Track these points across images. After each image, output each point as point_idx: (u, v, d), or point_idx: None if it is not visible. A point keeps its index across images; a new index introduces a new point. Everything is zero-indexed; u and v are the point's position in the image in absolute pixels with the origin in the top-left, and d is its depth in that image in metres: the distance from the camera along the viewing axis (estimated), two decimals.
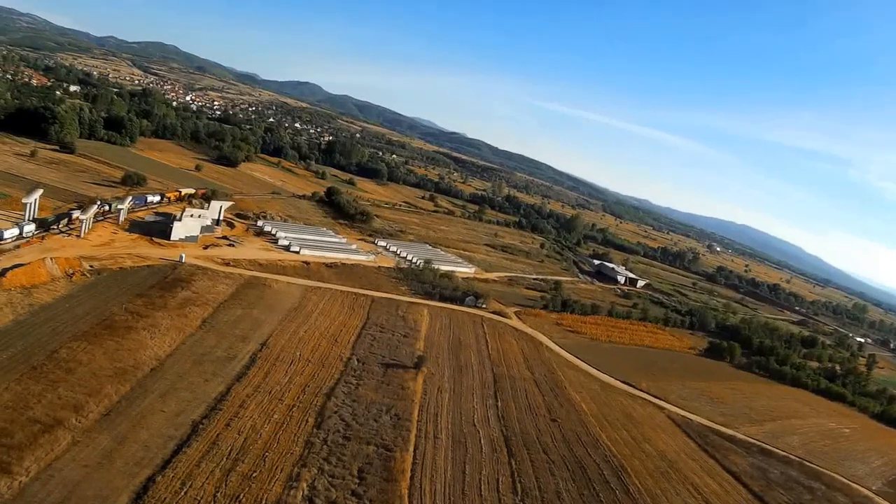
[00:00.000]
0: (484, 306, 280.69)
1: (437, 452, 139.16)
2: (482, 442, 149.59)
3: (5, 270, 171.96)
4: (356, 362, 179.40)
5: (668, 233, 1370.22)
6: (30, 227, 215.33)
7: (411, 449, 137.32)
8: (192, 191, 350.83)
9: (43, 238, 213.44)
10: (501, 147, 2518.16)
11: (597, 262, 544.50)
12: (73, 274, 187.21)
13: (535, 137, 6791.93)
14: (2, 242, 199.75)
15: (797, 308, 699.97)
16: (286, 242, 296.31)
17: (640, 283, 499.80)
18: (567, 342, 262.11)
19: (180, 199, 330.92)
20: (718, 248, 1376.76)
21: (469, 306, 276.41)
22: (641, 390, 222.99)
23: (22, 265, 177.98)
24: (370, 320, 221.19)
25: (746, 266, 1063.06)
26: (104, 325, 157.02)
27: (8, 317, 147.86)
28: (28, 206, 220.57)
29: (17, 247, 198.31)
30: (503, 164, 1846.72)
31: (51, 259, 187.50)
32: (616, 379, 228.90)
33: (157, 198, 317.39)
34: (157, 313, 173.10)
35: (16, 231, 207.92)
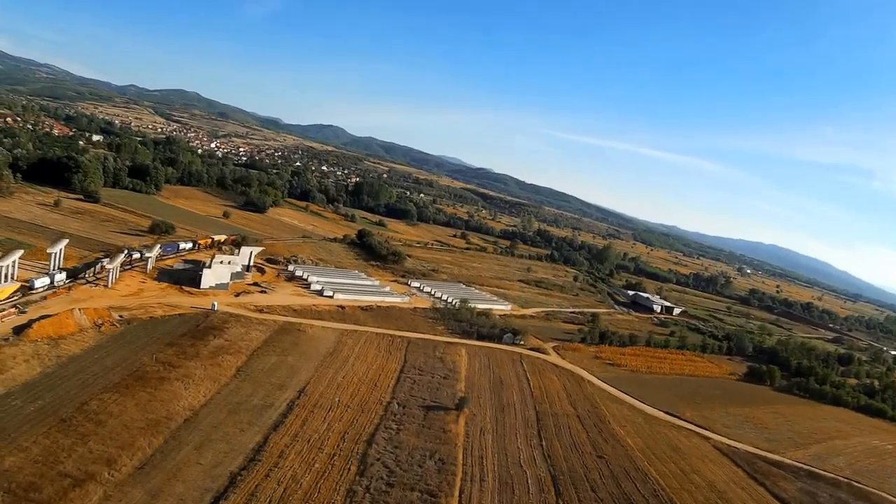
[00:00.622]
0: (522, 343, 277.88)
1: (484, 496, 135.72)
2: (529, 483, 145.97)
3: (32, 322, 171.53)
4: (396, 406, 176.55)
5: (698, 258, 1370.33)
6: (61, 276, 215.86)
7: (457, 494, 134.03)
8: (223, 237, 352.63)
9: (70, 288, 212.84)
10: (528, 181, 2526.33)
11: (631, 292, 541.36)
12: (101, 324, 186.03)
13: (561, 169, 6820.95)
14: (33, 292, 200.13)
15: (830, 325, 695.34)
16: (319, 287, 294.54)
17: (676, 311, 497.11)
18: (608, 375, 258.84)
19: (212, 245, 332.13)
20: (749, 271, 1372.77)
21: (507, 344, 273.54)
22: (686, 420, 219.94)
23: (49, 316, 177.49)
24: (408, 363, 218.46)
25: (777, 287, 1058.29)
26: (135, 376, 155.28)
27: (35, 369, 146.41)
28: (53, 256, 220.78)
29: (44, 297, 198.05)
30: (531, 199, 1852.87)
31: (78, 310, 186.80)
32: (659, 410, 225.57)
33: (189, 244, 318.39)
34: (189, 363, 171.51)
35: (46, 280, 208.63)
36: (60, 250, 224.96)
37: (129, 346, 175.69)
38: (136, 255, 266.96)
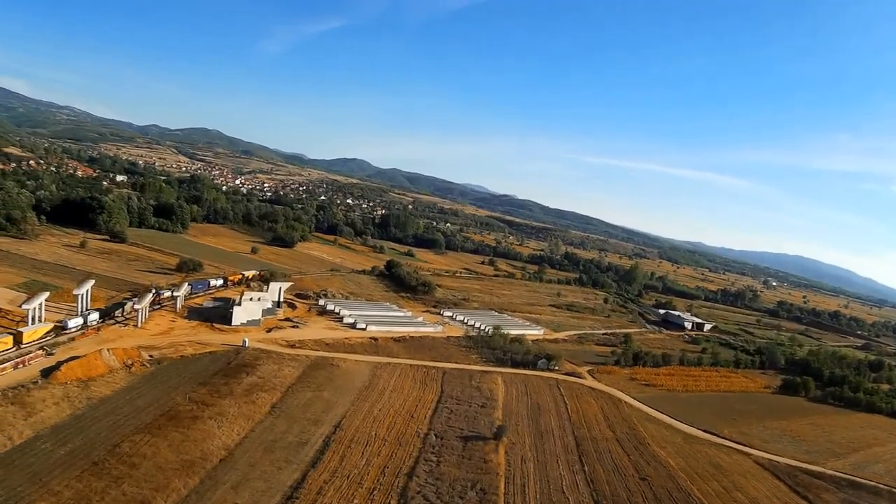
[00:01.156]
0: (557, 368, 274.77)
1: None
2: None
3: (60, 363, 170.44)
4: (434, 438, 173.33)
5: (724, 273, 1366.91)
6: (94, 316, 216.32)
7: None
8: (254, 272, 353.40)
9: (99, 329, 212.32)
10: (552, 206, 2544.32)
11: (661, 310, 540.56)
12: (131, 365, 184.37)
13: (585, 192, 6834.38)
14: (66, 332, 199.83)
15: (858, 332, 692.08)
16: (351, 320, 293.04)
17: (707, 328, 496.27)
18: (644, 396, 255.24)
19: (243, 281, 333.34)
20: (774, 283, 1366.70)
21: (542, 369, 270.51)
22: (724, 437, 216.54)
23: (77, 357, 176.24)
24: (445, 393, 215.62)
25: (804, 297, 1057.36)
26: (168, 417, 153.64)
27: (65, 411, 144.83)
28: (80, 297, 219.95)
29: (72, 339, 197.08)
30: (556, 223, 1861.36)
31: (107, 350, 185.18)
32: (698, 429, 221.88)
33: (220, 281, 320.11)
34: (222, 401, 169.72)
35: (80, 320, 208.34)
36: (87, 291, 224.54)
37: (161, 386, 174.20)
38: (166, 294, 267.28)
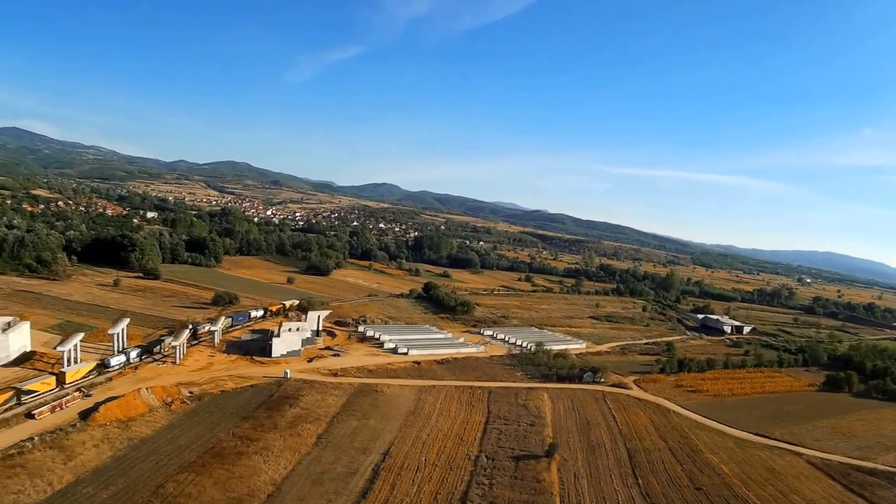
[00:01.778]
0: (602, 380, 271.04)
1: None
2: None
3: (98, 405, 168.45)
4: (485, 460, 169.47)
5: (758, 274, 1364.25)
6: (135, 353, 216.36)
7: None
8: (295, 301, 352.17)
9: (136, 368, 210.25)
10: (584, 217, 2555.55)
11: (700, 315, 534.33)
12: (171, 402, 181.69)
13: (616, 203, 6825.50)
14: (109, 370, 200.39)
15: (894, 324, 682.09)
16: (392, 345, 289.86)
17: (747, 330, 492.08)
18: (691, 403, 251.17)
19: (283, 311, 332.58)
20: (808, 280, 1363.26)
21: (588, 383, 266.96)
22: (775, 439, 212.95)
23: (116, 398, 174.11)
24: (492, 413, 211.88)
25: (838, 291, 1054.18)
26: (212, 454, 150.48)
27: (106, 453, 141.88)
28: (116, 336, 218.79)
29: (110, 379, 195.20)
30: (588, 235, 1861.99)
31: (146, 389, 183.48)
32: (748, 432, 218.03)
33: (260, 312, 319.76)
34: (267, 435, 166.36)
35: (122, 358, 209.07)
36: (123, 330, 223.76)
37: (203, 423, 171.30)
38: (204, 328, 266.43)
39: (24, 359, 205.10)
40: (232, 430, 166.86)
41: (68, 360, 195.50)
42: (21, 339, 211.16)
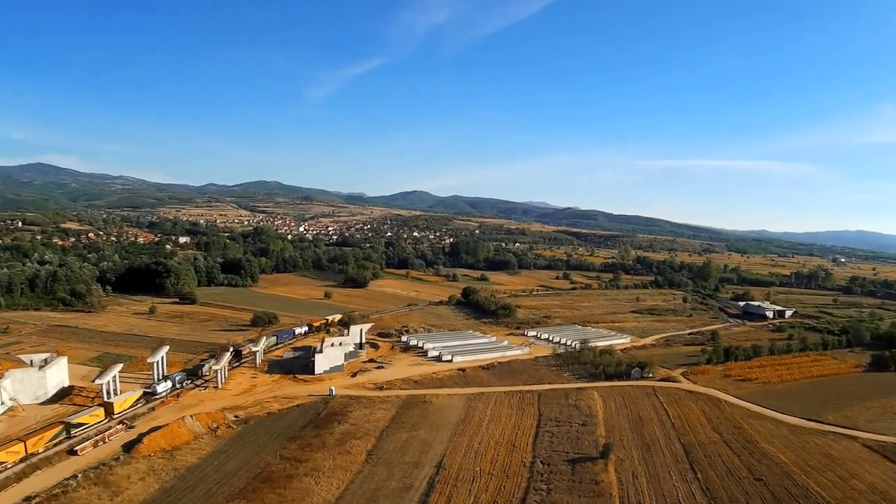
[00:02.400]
0: (651, 375, 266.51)
1: None
2: None
3: (142, 436, 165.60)
4: (541, 465, 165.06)
5: (792, 257, 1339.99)
6: (181, 377, 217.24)
7: None
8: (339, 316, 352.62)
9: (178, 395, 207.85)
10: (616, 212, 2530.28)
11: (741, 303, 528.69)
12: (217, 428, 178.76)
13: (646, 196, 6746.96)
14: (156, 397, 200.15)
15: None
16: (436, 353, 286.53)
17: (788, 314, 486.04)
18: (742, 392, 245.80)
19: (324, 327, 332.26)
20: (843, 260, 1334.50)
21: (636, 378, 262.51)
22: (829, 424, 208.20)
23: (159, 428, 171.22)
24: (543, 416, 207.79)
25: (874, 270, 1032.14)
26: (261, 479, 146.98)
27: (152, 486, 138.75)
28: (155, 365, 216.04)
29: (152, 409, 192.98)
30: (622, 229, 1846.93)
31: (190, 416, 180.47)
32: (801, 418, 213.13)
33: (305, 328, 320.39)
34: (316, 455, 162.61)
35: (167, 384, 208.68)
36: (162, 357, 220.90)
37: (250, 447, 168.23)
38: (247, 349, 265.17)
39: (62, 394, 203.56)
40: (280, 453, 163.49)
41: (108, 393, 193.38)
42: (59, 374, 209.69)
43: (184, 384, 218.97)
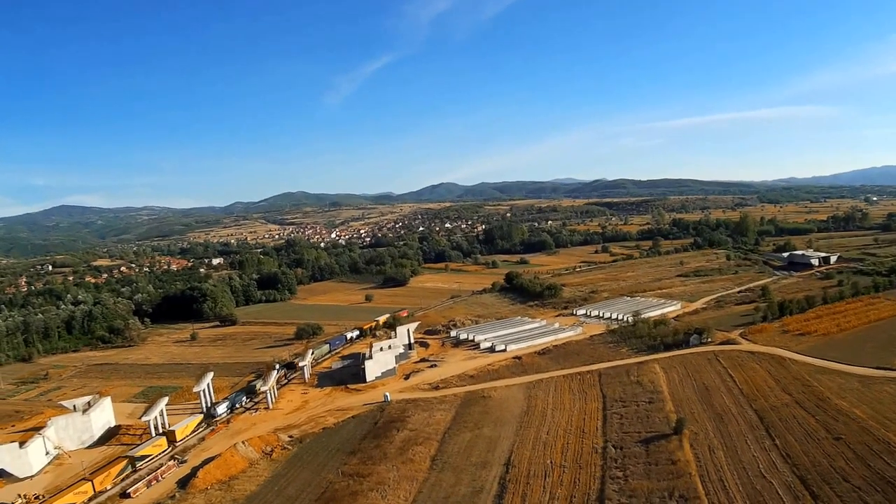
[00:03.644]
0: (709, 340, 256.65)
1: None
2: (781, 494, 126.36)
3: (196, 469, 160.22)
4: (613, 450, 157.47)
5: (825, 201, 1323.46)
6: (240, 397, 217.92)
7: None
8: (387, 316, 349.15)
9: (228, 422, 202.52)
10: (644, 178, 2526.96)
11: (785, 254, 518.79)
12: (271, 451, 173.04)
13: (671, 158, 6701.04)
14: (216, 419, 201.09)
15: None
16: (488, 344, 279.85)
17: (833, 259, 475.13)
18: (803, 347, 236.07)
19: (374, 329, 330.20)
20: (874, 198, 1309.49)
21: (695, 346, 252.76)
22: None
23: (213, 458, 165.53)
24: (607, 397, 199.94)
25: None
26: (325, 499, 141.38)
27: None
28: (202, 393, 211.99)
29: (202, 439, 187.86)
30: (651, 194, 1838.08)
31: (243, 443, 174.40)
32: (869, 368, 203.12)
33: (355, 332, 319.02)
34: (378, 467, 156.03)
35: (226, 405, 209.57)
36: (208, 384, 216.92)
37: (309, 467, 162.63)
38: (298, 362, 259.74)
39: (109, 436, 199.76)
40: (341, 469, 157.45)
41: (155, 429, 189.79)
42: (104, 416, 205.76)
43: (243, 403, 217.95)
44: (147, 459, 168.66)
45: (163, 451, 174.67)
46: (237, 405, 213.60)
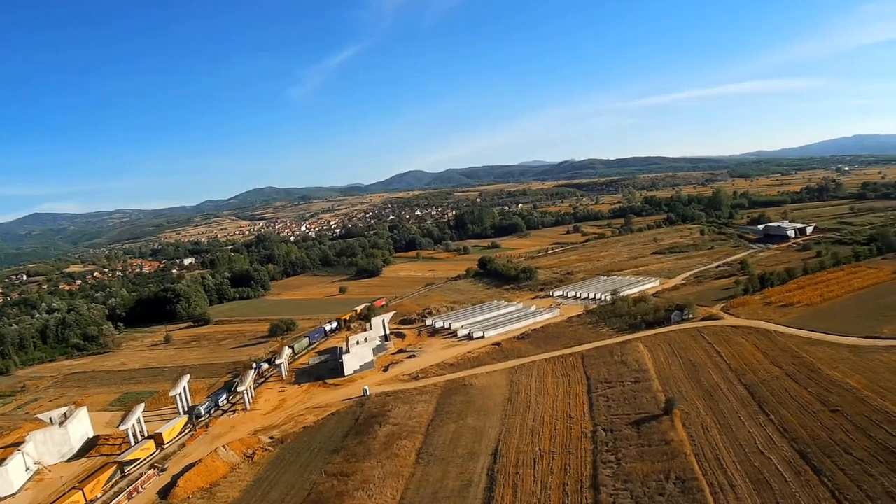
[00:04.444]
0: (691, 316, 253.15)
1: (743, 503, 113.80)
2: (781, 470, 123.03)
3: (176, 477, 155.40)
4: (603, 433, 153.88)
5: (796, 173, 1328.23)
6: (223, 396, 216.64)
7: None
8: (368, 304, 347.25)
9: (207, 426, 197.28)
10: (612, 158, 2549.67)
11: (760, 226, 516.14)
12: (253, 454, 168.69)
13: (640, 136, 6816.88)
14: (201, 419, 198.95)
15: None
16: (466, 331, 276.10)
17: (809, 230, 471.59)
18: (788, 319, 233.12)
19: (353, 319, 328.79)
20: (846, 168, 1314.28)
21: (677, 322, 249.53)
22: (888, 337, 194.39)
23: (194, 465, 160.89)
24: (591, 379, 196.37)
25: (880, 173, 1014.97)
26: (310, 502, 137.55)
27: None
28: (178, 397, 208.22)
29: (182, 445, 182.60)
30: (620, 173, 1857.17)
31: (223, 447, 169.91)
32: (857, 337, 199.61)
33: (333, 324, 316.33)
34: (363, 464, 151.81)
35: (209, 403, 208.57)
36: (185, 388, 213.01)
37: (292, 469, 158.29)
38: (276, 360, 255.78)
39: (88, 447, 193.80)
40: (325, 469, 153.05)
41: (133, 436, 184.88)
42: (82, 427, 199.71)
43: (227, 399, 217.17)
44: (136, 463, 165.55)
45: (151, 455, 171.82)
46: (220, 402, 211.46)
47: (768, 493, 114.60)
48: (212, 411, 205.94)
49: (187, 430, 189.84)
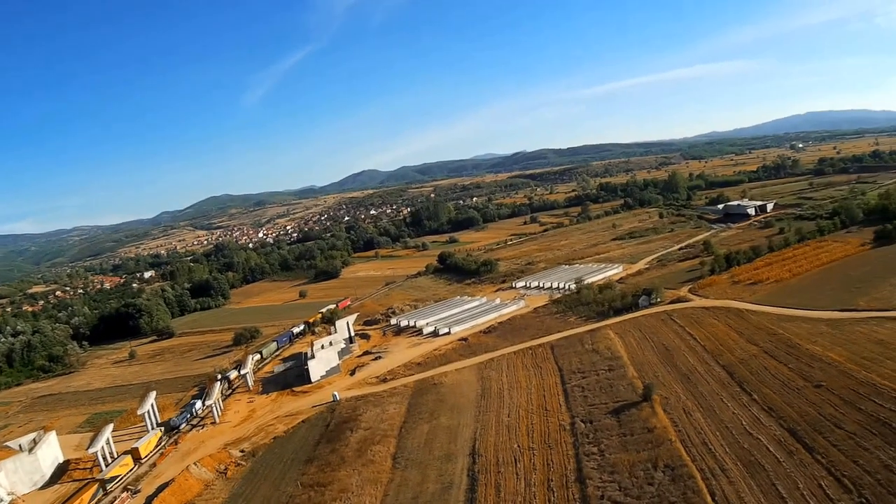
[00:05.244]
0: (659, 300, 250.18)
1: (738, 487, 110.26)
2: (772, 451, 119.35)
3: (150, 499, 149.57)
4: (582, 425, 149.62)
5: (750, 153, 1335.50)
6: (198, 405, 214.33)
7: (710, 500, 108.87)
8: (333, 306, 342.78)
9: (177, 443, 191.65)
10: (564, 146, 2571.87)
11: (720, 206, 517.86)
12: (225, 469, 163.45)
13: (591, 124, 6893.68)
14: (178, 432, 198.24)
15: None
16: (431, 328, 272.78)
17: (770, 207, 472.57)
18: (759, 297, 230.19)
19: (322, 320, 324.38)
20: (801, 145, 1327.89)
21: (645, 307, 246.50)
22: (864, 310, 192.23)
23: (166, 485, 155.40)
24: (564, 370, 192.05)
25: (835, 149, 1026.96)
26: None
27: None
28: (146, 415, 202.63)
29: (153, 465, 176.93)
30: (573, 161, 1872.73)
31: (195, 464, 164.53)
32: (833, 311, 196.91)
33: (301, 327, 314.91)
34: (338, 473, 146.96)
35: (185, 415, 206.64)
36: (152, 405, 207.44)
37: (266, 482, 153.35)
38: (238, 372, 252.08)
39: (60, 472, 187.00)
40: (300, 481, 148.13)
41: (104, 459, 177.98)
42: (52, 452, 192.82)
43: (201, 408, 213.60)
44: (117, 480, 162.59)
45: (130, 470, 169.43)
46: (196, 412, 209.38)
47: (762, 475, 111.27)
48: (188, 419, 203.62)
49: (163, 444, 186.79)
